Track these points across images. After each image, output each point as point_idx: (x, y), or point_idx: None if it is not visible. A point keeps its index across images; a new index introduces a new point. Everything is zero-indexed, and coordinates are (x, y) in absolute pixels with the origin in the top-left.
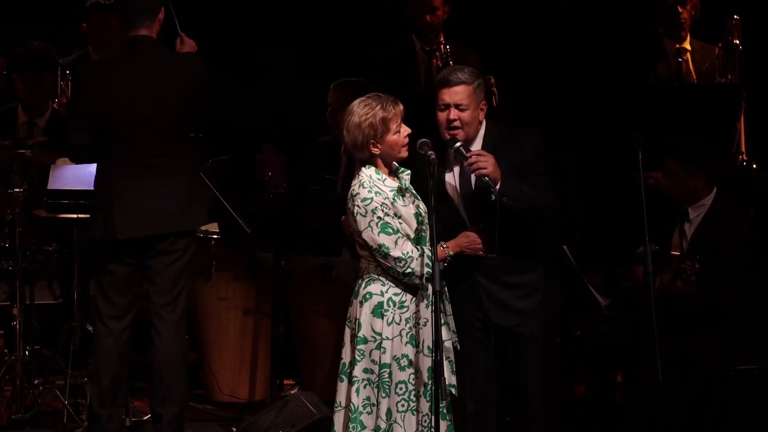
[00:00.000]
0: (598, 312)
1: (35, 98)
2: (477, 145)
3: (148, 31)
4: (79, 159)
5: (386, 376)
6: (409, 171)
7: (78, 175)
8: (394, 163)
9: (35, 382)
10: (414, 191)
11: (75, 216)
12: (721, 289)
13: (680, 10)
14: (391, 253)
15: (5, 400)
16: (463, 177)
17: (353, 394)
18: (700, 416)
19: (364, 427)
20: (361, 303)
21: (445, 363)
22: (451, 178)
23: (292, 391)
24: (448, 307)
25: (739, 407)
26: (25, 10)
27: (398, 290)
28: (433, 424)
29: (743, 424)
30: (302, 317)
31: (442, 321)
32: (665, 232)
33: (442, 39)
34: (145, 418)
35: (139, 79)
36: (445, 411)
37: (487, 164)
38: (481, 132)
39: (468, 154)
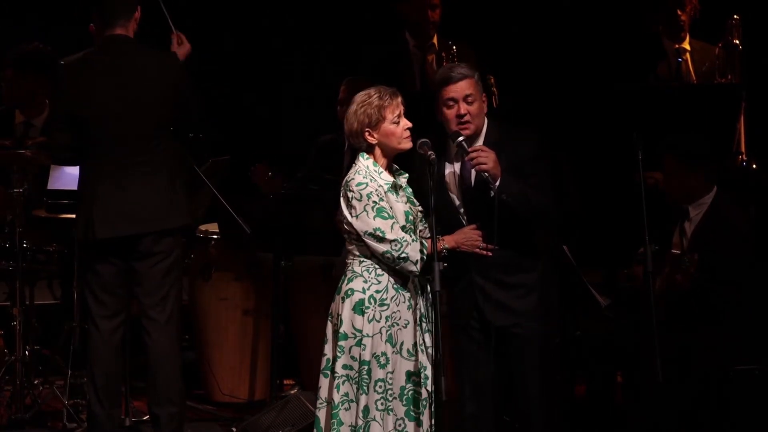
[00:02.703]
0: (598, 312)
1: (30, 98)
2: (479, 142)
3: (123, 30)
4: (60, 160)
5: (365, 373)
6: (407, 174)
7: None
8: (395, 165)
9: (35, 382)
10: (410, 193)
11: (75, 216)
12: (720, 287)
13: (679, 12)
14: (387, 236)
15: (5, 400)
16: (464, 172)
17: (334, 391)
18: (700, 416)
19: (342, 423)
20: (343, 299)
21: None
22: (452, 172)
23: (292, 391)
24: (432, 314)
25: (739, 407)
26: (24, 10)
27: (380, 288)
28: (426, 427)
29: (743, 424)
30: (302, 317)
31: (426, 328)
32: (665, 232)
33: (435, 39)
34: (144, 418)
35: (115, 79)
36: (420, 417)
37: (488, 160)
38: (484, 128)
39: (469, 149)
